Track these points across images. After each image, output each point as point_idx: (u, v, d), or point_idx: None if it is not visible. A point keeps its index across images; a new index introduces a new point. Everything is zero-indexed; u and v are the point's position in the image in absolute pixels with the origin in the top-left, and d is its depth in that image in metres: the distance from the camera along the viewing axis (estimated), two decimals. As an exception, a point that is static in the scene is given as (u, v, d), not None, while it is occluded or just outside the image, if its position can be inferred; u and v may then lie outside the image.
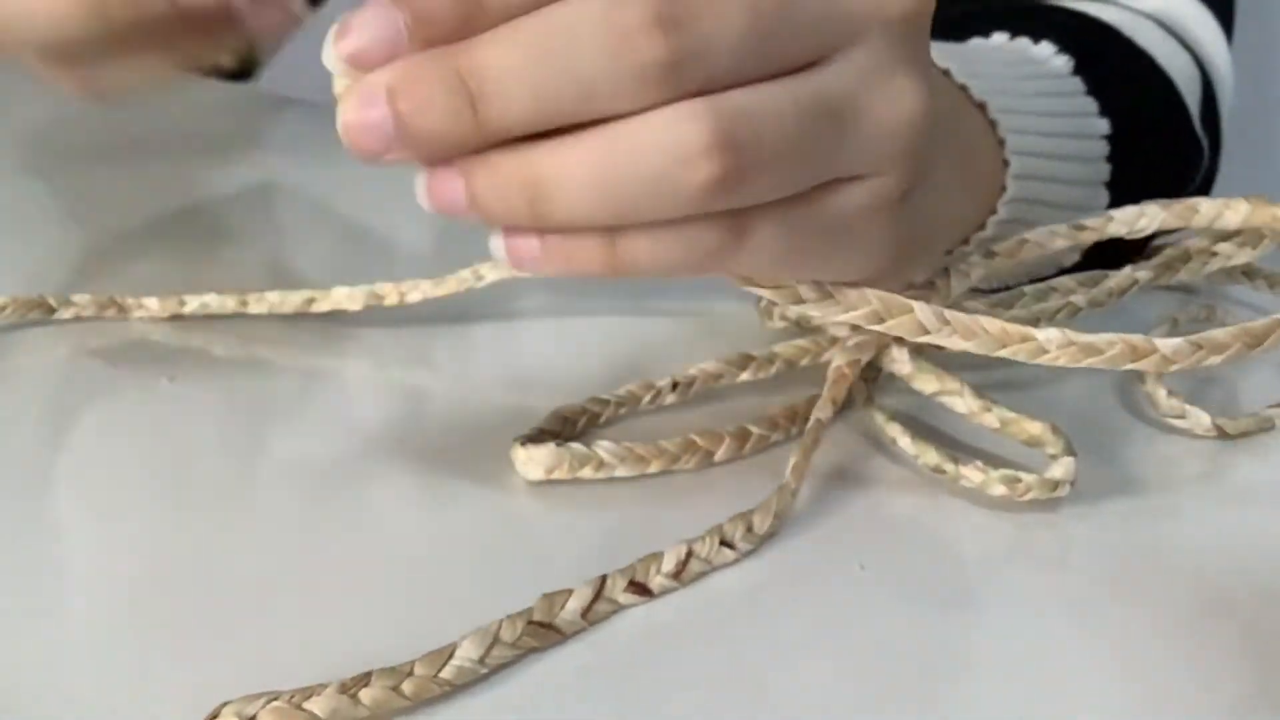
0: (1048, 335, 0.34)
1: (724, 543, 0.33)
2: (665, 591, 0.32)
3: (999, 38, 0.51)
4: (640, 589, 0.32)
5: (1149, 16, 0.56)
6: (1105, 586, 0.33)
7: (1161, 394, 0.41)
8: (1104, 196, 0.49)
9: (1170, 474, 0.39)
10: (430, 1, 0.28)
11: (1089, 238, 0.42)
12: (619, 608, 0.31)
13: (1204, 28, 0.59)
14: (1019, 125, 0.45)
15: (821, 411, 0.38)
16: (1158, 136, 0.52)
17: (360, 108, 0.29)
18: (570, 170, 0.28)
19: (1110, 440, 0.40)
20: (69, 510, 0.35)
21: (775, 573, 0.33)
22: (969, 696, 0.29)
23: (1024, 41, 0.50)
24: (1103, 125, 0.48)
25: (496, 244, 0.31)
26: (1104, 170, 0.49)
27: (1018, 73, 0.48)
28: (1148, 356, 0.35)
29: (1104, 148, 0.49)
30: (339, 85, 0.29)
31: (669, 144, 0.28)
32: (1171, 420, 0.40)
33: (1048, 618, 0.32)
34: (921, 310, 0.34)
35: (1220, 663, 0.30)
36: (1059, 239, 0.42)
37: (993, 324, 0.34)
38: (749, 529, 0.34)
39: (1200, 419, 0.40)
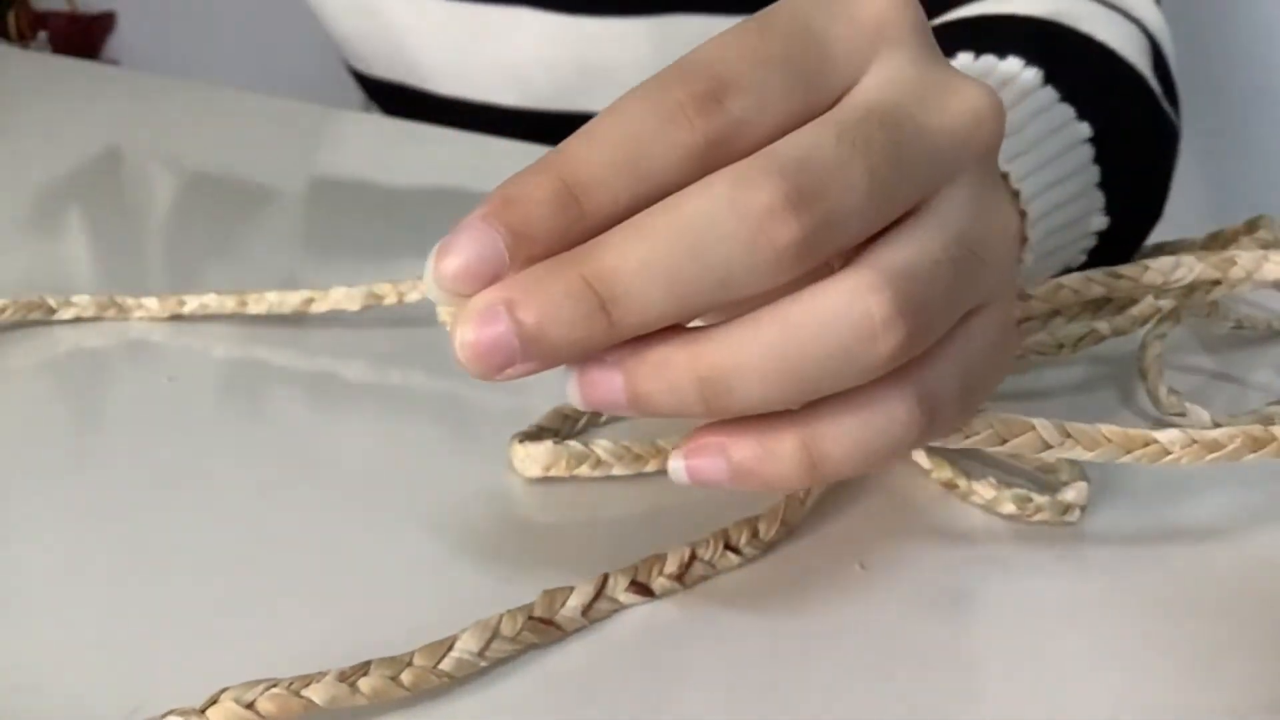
0: (1169, 437, 0.33)
1: (728, 547, 0.33)
2: (667, 593, 0.32)
3: (964, 58, 0.50)
4: (642, 589, 0.32)
5: None
6: (1105, 586, 0.33)
7: (1163, 392, 0.41)
8: (1099, 199, 0.49)
9: (1170, 472, 0.39)
10: (527, 214, 0.27)
11: (1125, 286, 0.42)
12: (620, 607, 0.32)
13: (1145, 5, 0.59)
14: (1025, 168, 0.45)
15: None
16: (1135, 127, 0.52)
17: (480, 325, 0.27)
18: (748, 359, 0.27)
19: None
20: (69, 509, 0.35)
21: (778, 576, 0.33)
22: (970, 699, 0.29)
23: (990, 60, 0.50)
24: (1083, 129, 0.48)
25: (677, 467, 0.30)
26: (1094, 173, 0.49)
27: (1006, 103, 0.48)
28: (1268, 445, 0.33)
29: (1089, 151, 0.49)
30: (443, 313, 0.29)
31: (850, 321, 0.27)
32: (1172, 418, 0.40)
33: (1047, 618, 0.32)
34: (1043, 427, 0.32)
35: (1221, 663, 0.30)
36: (1095, 285, 0.41)
37: (1114, 432, 0.33)
38: (755, 534, 0.34)
39: (1201, 416, 0.40)
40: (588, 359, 0.28)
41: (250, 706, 0.27)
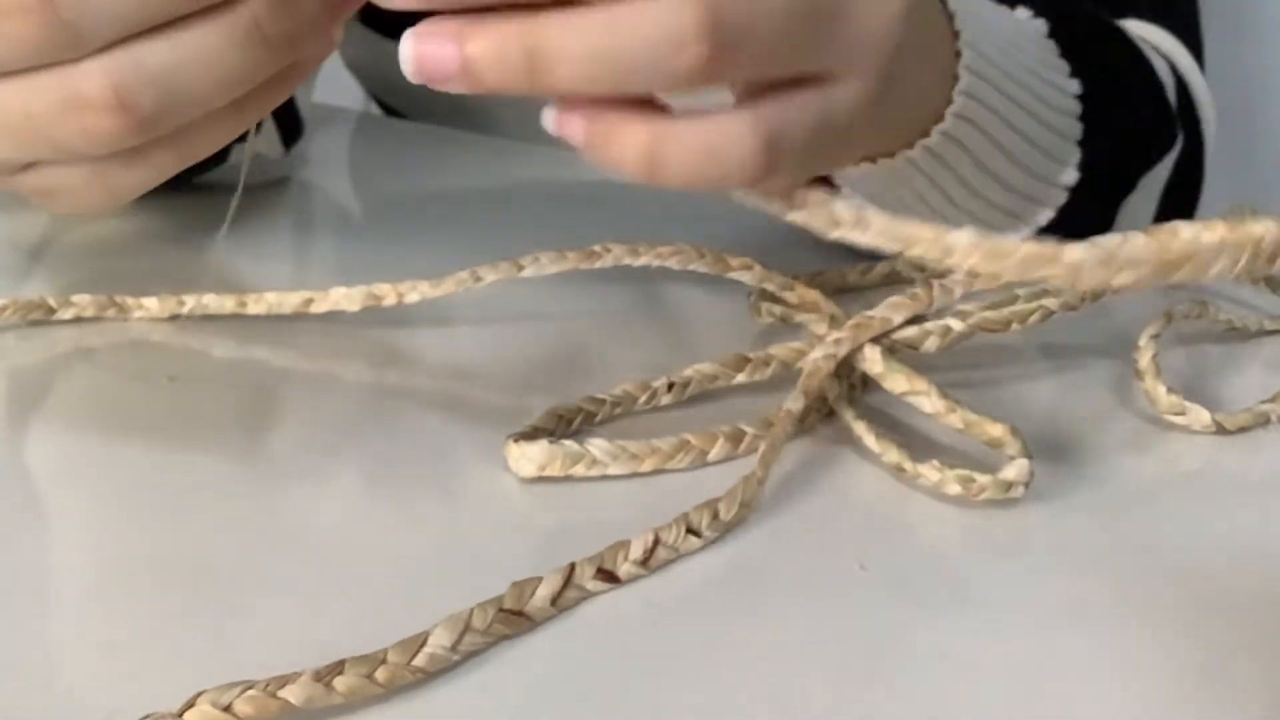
0: (958, 237, 0.32)
1: (690, 530, 0.34)
2: (633, 579, 0.32)
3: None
4: (608, 576, 0.32)
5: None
6: (1108, 583, 0.33)
7: (1161, 391, 0.40)
8: (1075, 154, 0.50)
9: (1173, 470, 0.39)
10: None
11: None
12: (588, 595, 0.32)
13: (1180, 51, 0.60)
14: (976, 29, 0.46)
15: (793, 403, 0.38)
16: (1129, 101, 0.54)
17: (434, 43, 0.30)
18: (572, 41, 0.30)
19: (1111, 438, 0.40)
20: (67, 508, 0.35)
21: (772, 573, 0.33)
22: (970, 699, 0.29)
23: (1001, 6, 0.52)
24: (1074, 85, 0.50)
25: (548, 116, 0.32)
26: (1076, 128, 0.50)
27: (988, 8, 0.50)
28: (1053, 262, 0.32)
29: (1075, 105, 0.50)
30: None
31: (662, 27, 0.29)
32: (1171, 417, 0.40)
33: (1047, 614, 0.32)
34: (841, 204, 0.33)
35: (1220, 659, 0.30)
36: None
37: (910, 225, 0.33)
38: (715, 516, 0.34)
39: (1200, 415, 0.40)
40: (426, 28, 0.30)
41: (227, 709, 0.26)
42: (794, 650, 0.30)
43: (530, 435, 0.37)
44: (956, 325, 0.40)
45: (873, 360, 0.39)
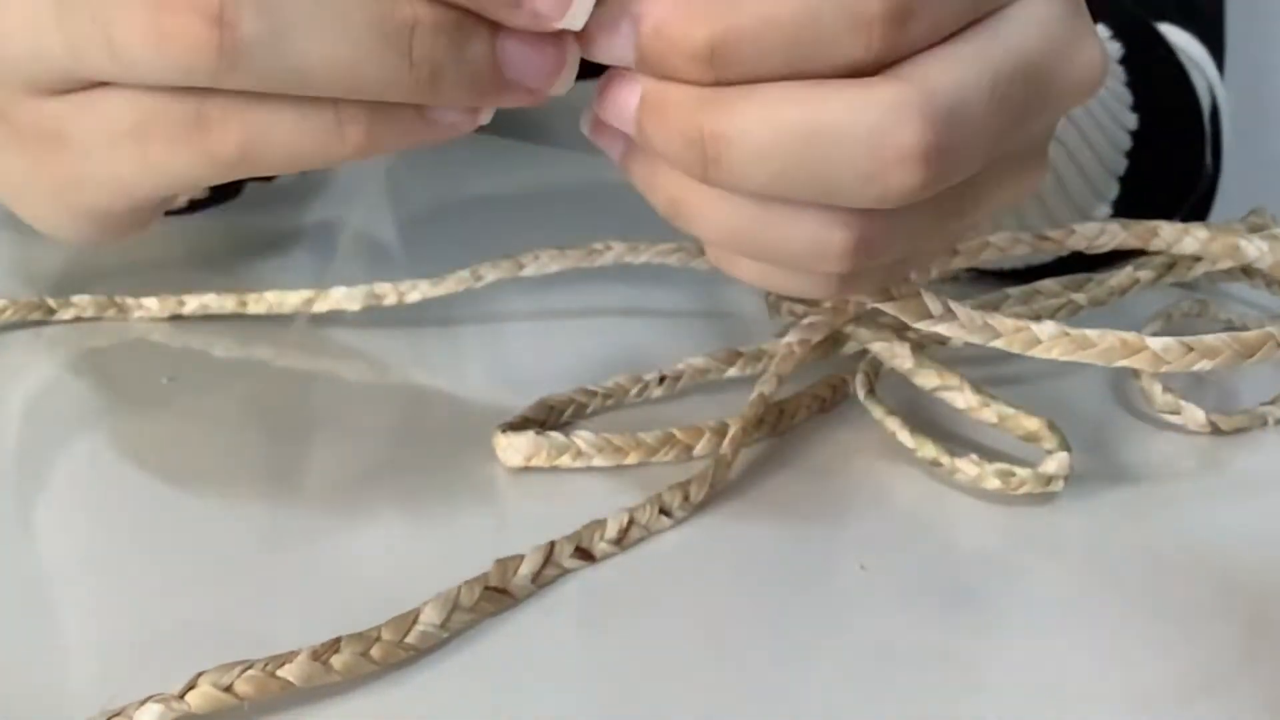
0: (1042, 328, 0.34)
1: (663, 511, 0.34)
2: (606, 556, 0.33)
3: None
4: (585, 554, 0.33)
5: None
6: (1103, 582, 0.33)
7: (1157, 390, 0.41)
8: (1114, 189, 0.50)
9: (1167, 470, 0.39)
10: (666, 56, 0.26)
11: (1050, 248, 0.43)
12: (564, 572, 0.33)
13: (1208, 64, 0.60)
14: None
15: (765, 385, 0.38)
16: (1176, 144, 0.53)
17: (617, 95, 0.28)
18: (753, 136, 0.26)
19: (1107, 436, 0.40)
20: (68, 508, 0.35)
21: (770, 572, 0.34)
22: (970, 700, 0.29)
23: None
24: (1131, 120, 0.49)
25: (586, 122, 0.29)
26: (1122, 163, 0.50)
27: None
28: (1139, 353, 0.34)
29: (1127, 141, 0.49)
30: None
31: (876, 141, 0.26)
32: (1166, 416, 0.40)
33: (1043, 613, 0.32)
34: (930, 299, 0.33)
35: (1218, 658, 0.30)
36: (1021, 245, 0.42)
37: (994, 318, 0.34)
38: (686, 498, 0.35)
39: (1195, 414, 0.40)
40: (617, 75, 0.28)
41: (228, 689, 0.27)
42: (823, 667, 0.30)
43: (519, 425, 0.38)
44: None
45: (902, 357, 0.39)
